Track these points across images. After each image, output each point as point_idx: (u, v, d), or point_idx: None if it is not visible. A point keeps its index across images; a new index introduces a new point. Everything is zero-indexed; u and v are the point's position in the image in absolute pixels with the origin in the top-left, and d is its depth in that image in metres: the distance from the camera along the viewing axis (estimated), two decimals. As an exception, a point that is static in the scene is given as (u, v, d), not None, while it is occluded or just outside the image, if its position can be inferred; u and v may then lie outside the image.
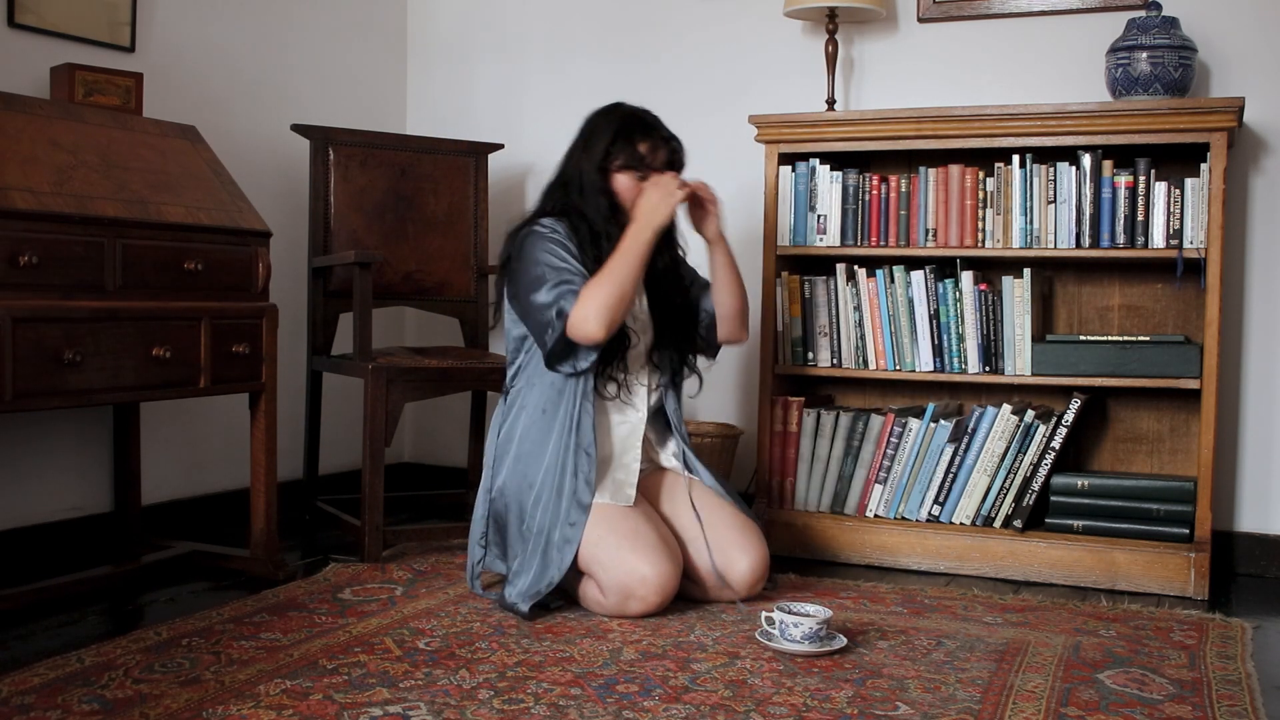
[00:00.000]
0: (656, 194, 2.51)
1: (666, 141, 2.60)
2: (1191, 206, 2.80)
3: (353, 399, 3.53)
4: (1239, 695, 2.01)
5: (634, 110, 2.64)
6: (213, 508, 3.28)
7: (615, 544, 2.42)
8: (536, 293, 2.48)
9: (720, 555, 2.53)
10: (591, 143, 2.60)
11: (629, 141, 2.57)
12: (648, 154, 2.58)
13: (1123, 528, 2.86)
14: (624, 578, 2.39)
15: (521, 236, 2.56)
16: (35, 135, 2.45)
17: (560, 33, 3.77)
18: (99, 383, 2.38)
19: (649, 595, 2.40)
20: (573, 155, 2.63)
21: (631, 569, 2.39)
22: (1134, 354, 2.85)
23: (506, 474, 2.55)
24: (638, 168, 2.57)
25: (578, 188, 2.59)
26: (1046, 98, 3.15)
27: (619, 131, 2.58)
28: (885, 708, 1.92)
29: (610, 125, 2.60)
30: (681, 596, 2.51)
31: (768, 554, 2.58)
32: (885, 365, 3.08)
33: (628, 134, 2.57)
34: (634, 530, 2.44)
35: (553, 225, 2.55)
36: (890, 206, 3.07)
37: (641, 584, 2.39)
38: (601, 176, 2.57)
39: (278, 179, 3.45)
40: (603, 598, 2.44)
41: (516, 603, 2.42)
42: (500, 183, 3.81)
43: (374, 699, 1.91)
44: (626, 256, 2.46)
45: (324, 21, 3.66)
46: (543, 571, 2.43)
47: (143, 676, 2.00)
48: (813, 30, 3.42)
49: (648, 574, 2.39)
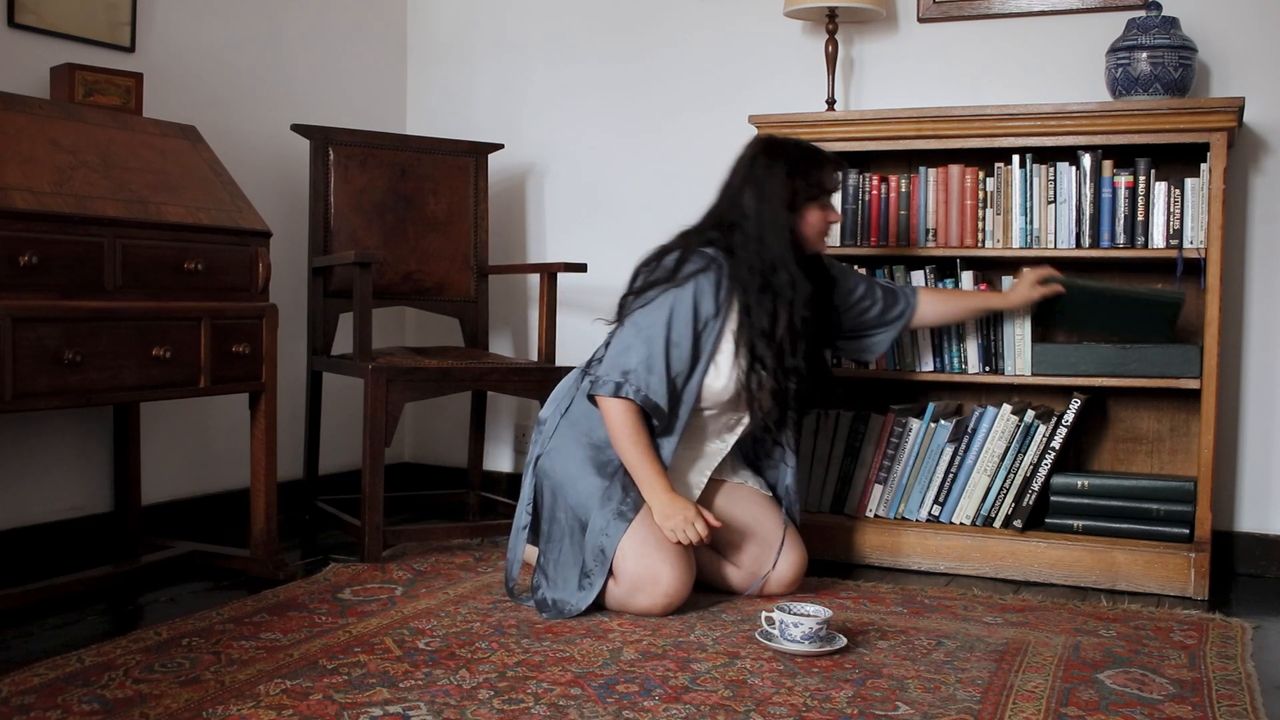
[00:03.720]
0: (677, 523, 2.44)
1: (836, 166, 2.62)
2: (1191, 206, 2.80)
3: (353, 399, 3.53)
4: (1239, 695, 2.01)
5: (795, 141, 2.64)
6: (213, 508, 3.28)
7: (644, 537, 2.43)
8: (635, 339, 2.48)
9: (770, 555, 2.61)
10: (768, 181, 2.54)
11: (809, 174, 2.56)
12: (828, 182, 2.59)
13: (1123, 528, 2.86)
14: (641, 571, 2.41)
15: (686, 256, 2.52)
16: (35, 135, 2.45)
17: (560, 33, 3.77)
18: (99, 383, 2.38)
19: (658, 595, 2.41)
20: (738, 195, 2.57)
21: (651, 566, 2.41)
22: (1134, 354, 2.85)
23: (560, 455, 2.55)
24: (820, 198, 2.58)
25: (756, 230, 2.53)
26: (1046, 98, 3.15)
27: (798, 166, 2.56)
28: (885, 708, 1.92)
29: (786, 161, 2.56)
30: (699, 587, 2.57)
31: (807, 558, 2.67)
32: (885, 365, 3.08)
33: (807, 167, 2.56)
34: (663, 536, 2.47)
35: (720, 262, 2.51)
36: (890, 206, 3.08)
37: (655, 583, 2.41)
38: (790, 214, 2.54)
39: (278, 179, 3.45)
40: (614, 584, 2.45)
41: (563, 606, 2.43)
42: (500, 183, 3.81)
43: (374, 699, 1.91)
44: (633, 465, 2.47)
45: (324, 21, 3.66)
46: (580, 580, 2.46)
47: (143, 676, 2.00)
48: (813, 30, 3.42)
49: (664, 575, 2.41)
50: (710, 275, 2.50)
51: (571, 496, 2.51)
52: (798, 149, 2.59)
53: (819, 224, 2.60)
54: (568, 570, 2.48)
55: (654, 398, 2.45)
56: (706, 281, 2.49)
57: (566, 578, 2.48)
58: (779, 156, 2.57)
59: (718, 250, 2.54)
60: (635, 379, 2.45)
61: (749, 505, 2.69)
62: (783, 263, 2.51)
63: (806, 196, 2.55)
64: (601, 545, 2.44)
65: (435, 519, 3.48)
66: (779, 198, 2.53)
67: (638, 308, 2.52)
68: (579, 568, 2.47)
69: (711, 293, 2.50)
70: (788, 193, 2.53)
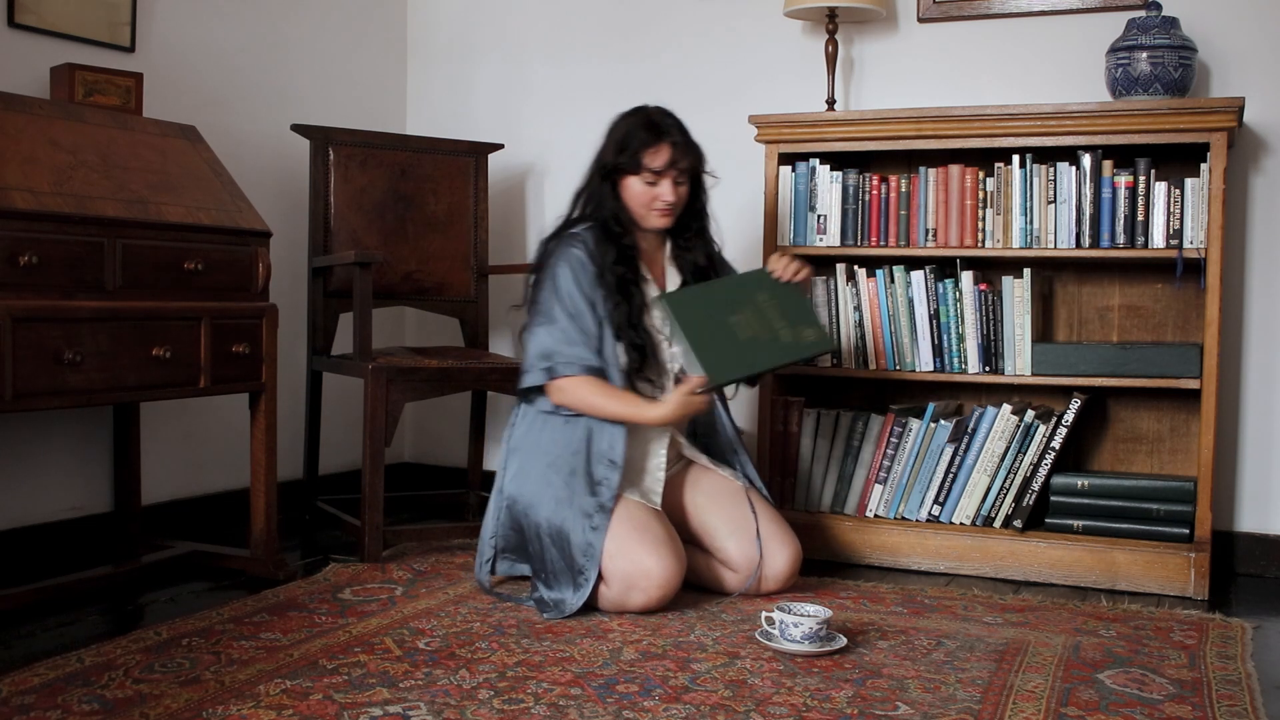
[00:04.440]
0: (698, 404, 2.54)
1: (672, 145, 2.61)
2: (1191, 206, 2.80)
3: (353, 399, 3.53)
4: (1239, 695, 2.01)
5: (641, 112, 2.67)
6: (213, 508, 3.28)
7: (625, 534, 2.45)
8: (540, 328, 2.58)
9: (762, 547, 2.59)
10: (603, 148, 2.67)
11: (628, 146, 2.61)
12: (649, 158, 2.60)
13: (1123, 528, 2.86)
14: (629, 568, 2.42)
15: (551, 249, 2.64)
16: (35, 135, 2.45)
17: (560, 33, 3.77)
18: (99, 383, 2.38)
19: (651, 589, 2.42)
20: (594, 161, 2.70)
21: (638, 561, 2.42)
22: (1134, 354, 2.85)
23: (521, 476, 2.58)
24: (637, 171, 2.61)
25: (596, 194, 2.66)
26: (1046, 98, 3.15)
27: (625, 138, 2.62)
28: (885, 708, 1.92)
29: (617, 130, 2.66)
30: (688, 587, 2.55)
31: (801, 551, 2.65)
32: (885, 365, 3.08)
33: (629, 140, 2.62)
34: (644, 524, 2.48)
35: (583, 238, 2.62)
36: (890, 206, 3.07)
37: (645, 577, 2.41)
38: (608, 183, 2.64)
39: (278, 179, 3.45)
40: (605, 587, 2.46)
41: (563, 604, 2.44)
42: (500, 183, 3.81)
43: (374, 699, 1.91)
44: (626, 413, 2.52)
45: (324, 21, 3.66)
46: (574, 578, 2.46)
47: (143, 676, 2.00)
48: (813, 30, 3.42)
49: (652, 567, 2.42)
50: (574, 247, 2.60)
51: (543, 512, 2.52)
52: (633, 119, 2.65)
53: (643, 196, 2.63)
54: (562, 574, 2.49)
55: (589, 363, 2.53)
56: (571, 253, 2.59)
57: (562, 581, 2.48)
58: (616, 126, 2.67)
59: (585, 229, 2.64)
60: (560, 356, 2.54)
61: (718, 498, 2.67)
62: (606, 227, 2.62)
63: (626, 169, 2.61)
64: (589, 540, 2.45)
65: (435, 519, 3.48)
66: (602, 166, 2.65)
67: (531, 302, 2.63)
68: (571, 568, 2.47)
69: (583, 260, 2.59)
70: (609, 161, 2.63)
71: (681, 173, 2.64)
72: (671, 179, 2.62)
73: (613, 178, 2.65)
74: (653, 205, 2.63)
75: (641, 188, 2.62)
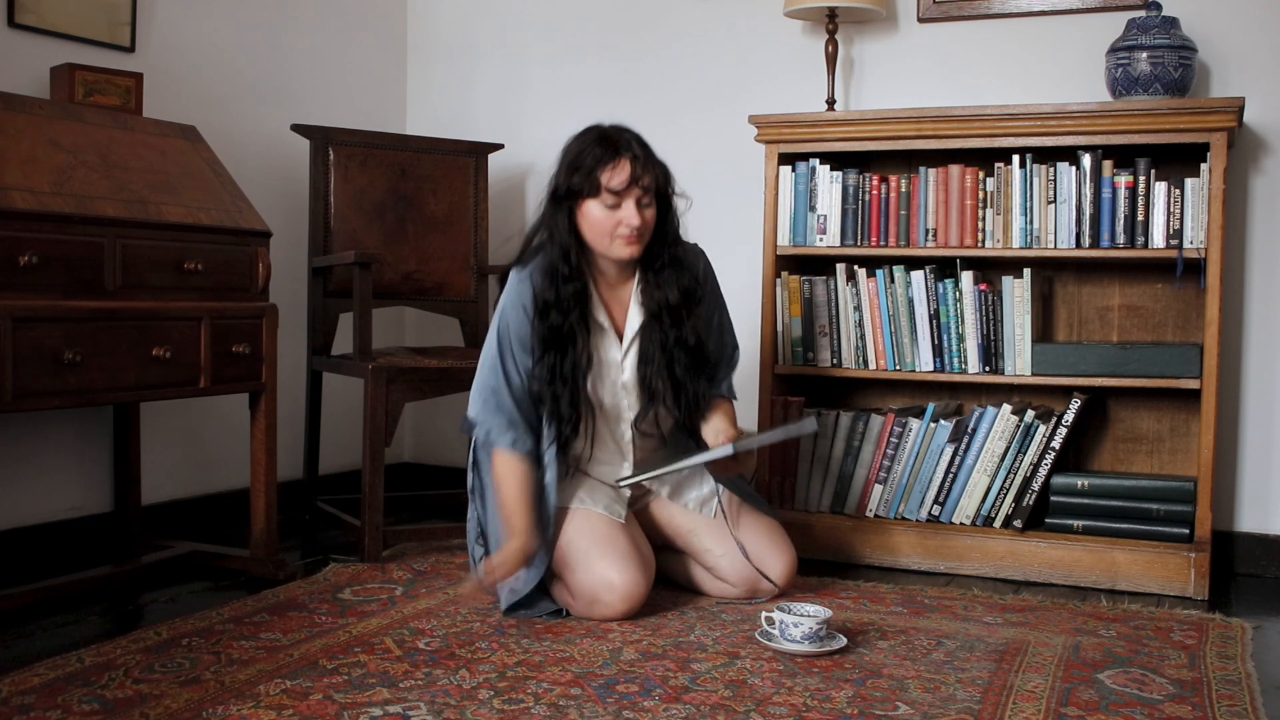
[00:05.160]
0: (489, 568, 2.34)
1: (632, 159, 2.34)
2: (1191, 206, 2.80)
3: (353, 399, 3.53)
4: (1239, 695, 2.01)
5: (596, 130, 2.40)
6: (213, 508, 3.28)
7: (585, 548, 2.41)
8: (481, 375, 2.44)
9: (756, 562, 2.55)
10: (555, 173, 2.41)
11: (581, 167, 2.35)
12: (608, 177, 2.33)
13: (1123, 528, 2.86)
14: (592, 582, 2.38)
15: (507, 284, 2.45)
16: (35, 135, 2.45)
17: (560, 33, 3.77)
18: (99, 383, 2.38)
19: (615, 602, 2.37)
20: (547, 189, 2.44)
21: (599, 575, 2.38)
22: (1134, 354, 2.85)
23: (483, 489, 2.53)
24: (595, 194, 2.34)
25: (550, 227, 2.41)
26: (1046, 98, 3.15)
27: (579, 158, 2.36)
28: (885, 708, 1.92)
29: (571, 151, 2.39)
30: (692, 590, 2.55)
31: (796, 557, 2.62)
32: (885, 365, 3.08)
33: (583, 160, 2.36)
34: (606, 536, 2.42)
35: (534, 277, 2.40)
36: (890, 206, 3.07)
37: (609, 590, 2.37)
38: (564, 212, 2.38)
39: (278, 179, 3.45)
40: (571, 600, 2.44)
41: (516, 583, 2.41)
42: (500, 183, 3.81)
43: (374, 699, 1.91)
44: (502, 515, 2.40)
45: (324, 21, 3.66)
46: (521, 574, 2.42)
47: (143, 676, 2.00)
48: (813, 30, 3.42)
49: (615, 580, 2.37)
50: (522, 288, 2.40)
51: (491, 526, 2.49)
52: (585, 137, 2.38)
53: (604, 223, 2.35)
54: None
55: (506, 440, 2.39)
56: (512, 309, 2.41)
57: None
58: (568, 148, 2.40)
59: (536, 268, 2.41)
60: (487, 424, 2.41)
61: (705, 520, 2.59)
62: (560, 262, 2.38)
63: (582, 192, 2.35)
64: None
65: (435, 519, 3.48)
66: (554, 192, 2.39)
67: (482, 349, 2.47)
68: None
69: (525, 309, 2.39)
70: (561, 185, 2.37)
71: (645, 191, 2.35)
72: (635, 199, 2.34)
73: (567, 205, 2.37)
74: (616, 232, 2.35)
75: (602, 213, 2.34)
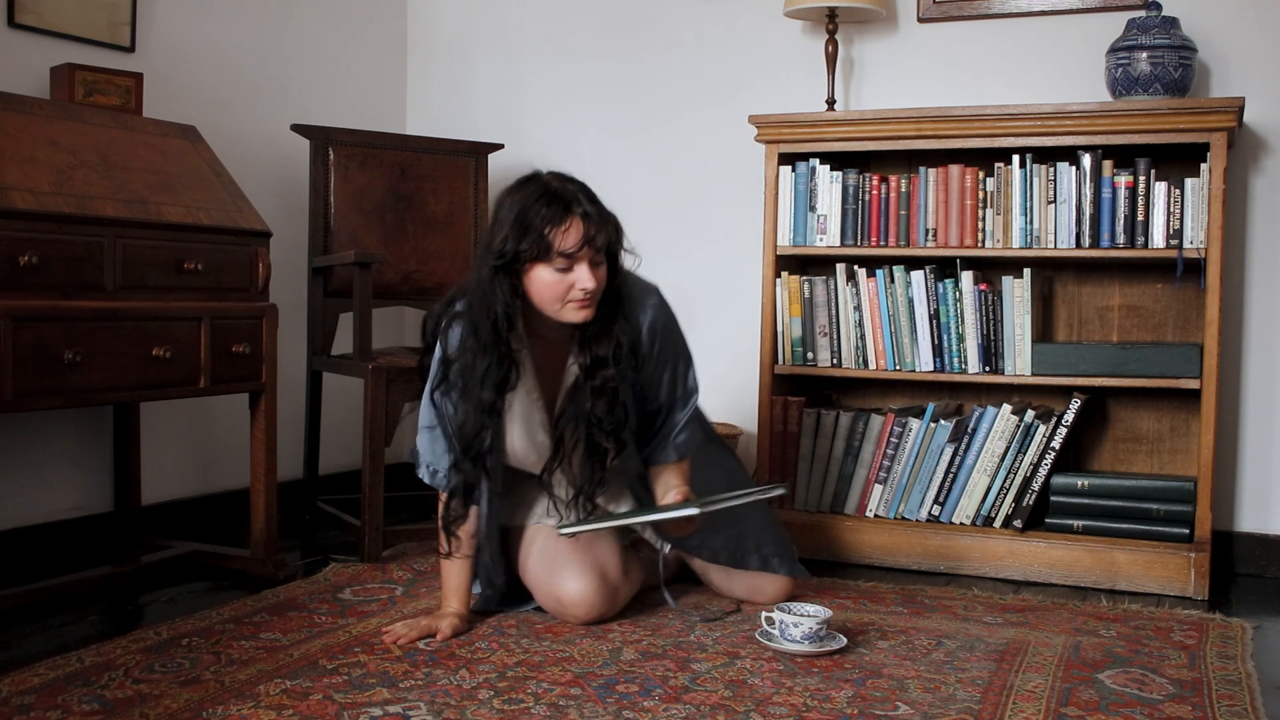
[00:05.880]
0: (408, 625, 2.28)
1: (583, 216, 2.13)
2: (1191, 206, 2.80)
3: (353, 399, 3.53)
4: (1239, 695, 2.01)
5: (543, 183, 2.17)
6: (213, 508, 3.28)
7: (548, 559, 2.40)
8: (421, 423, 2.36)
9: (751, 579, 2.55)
10: (494, 234, 2.17)
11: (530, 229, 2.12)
12: (560, 240, 2.11)
13: (1123, 528, 2.86)
14: (553, 593, 2.38)
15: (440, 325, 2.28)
16: (35, 135, 2.45)
17: (560, 33, 3.77)
18: (99, 383, 2.38)
19: (579, 612, 2.36)
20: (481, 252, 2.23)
21: (557, 587, 2.37)
22: (1134, 354, 2.85)
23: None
24: (546, 258, 2.13)
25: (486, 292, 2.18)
26: (1046, 98, 3.15)
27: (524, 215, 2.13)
28: (885, 708, 1.92)
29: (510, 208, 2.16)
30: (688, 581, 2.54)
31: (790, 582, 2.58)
32: (885, 365, 3.08)
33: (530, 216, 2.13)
34: (564, 548, 2.39)
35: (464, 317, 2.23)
36: (890, 206, 3.07)
37: (572, 603, 2.36)
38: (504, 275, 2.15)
39: (278, 179, 3.45)
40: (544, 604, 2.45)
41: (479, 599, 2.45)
42: (500, 183, 3.77)
43: (374, 699, 1.91)
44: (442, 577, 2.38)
45: (324, 21, 3.66)
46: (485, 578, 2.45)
47: (143, 676, 2.00)
48: (813, 30, 3.42)
49: (573, 591, 2.35)
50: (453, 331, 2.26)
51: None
52: (527, 192, 2.15)
53: (555, 288, 2.15)
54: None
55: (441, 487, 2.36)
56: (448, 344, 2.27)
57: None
58: (508, 205, 2.17)
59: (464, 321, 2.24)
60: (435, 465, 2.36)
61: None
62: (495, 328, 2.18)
63: (531, 256, 2.13)
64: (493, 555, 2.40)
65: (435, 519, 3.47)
66: (499, 257, 2.14)
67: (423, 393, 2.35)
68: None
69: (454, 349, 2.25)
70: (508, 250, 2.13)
71: (598, 251, 2.15)
72: (588, 260, 2.13)
73: (513, 269, 2.15)
74: (569, 296, 2.15)
75: (552, 277, 2.13)
